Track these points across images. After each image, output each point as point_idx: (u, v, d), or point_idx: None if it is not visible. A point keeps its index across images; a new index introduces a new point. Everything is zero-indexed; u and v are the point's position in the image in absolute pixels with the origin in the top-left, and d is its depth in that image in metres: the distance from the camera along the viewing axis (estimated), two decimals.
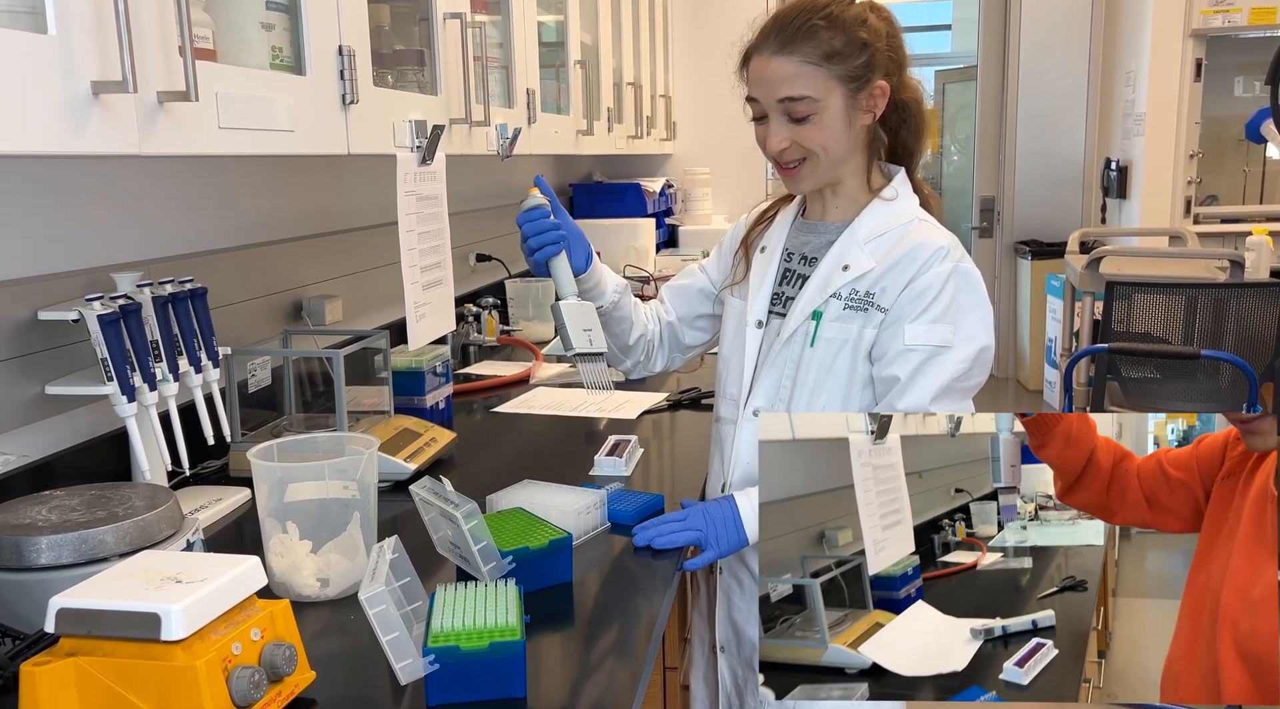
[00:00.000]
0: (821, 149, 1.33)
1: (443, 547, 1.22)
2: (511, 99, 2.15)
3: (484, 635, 0.92)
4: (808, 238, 1.44)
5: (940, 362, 1.29)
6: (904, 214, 1.38)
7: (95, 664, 0.82)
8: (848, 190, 1.40)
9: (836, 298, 1.36)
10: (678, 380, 2.21)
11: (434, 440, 1.63)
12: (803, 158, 1.35)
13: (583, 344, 1.37)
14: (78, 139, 0.87)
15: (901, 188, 1.40)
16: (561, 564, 1.17)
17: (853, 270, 1.35)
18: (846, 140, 1.34)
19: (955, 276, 1.30)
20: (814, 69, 1.29)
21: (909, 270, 1.32)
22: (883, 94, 1.33)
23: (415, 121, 1.58)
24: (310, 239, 1.94)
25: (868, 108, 1.33)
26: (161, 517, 1.07)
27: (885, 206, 1.38)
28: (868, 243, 1.36)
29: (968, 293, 1.31)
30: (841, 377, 1.35)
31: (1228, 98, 5.42)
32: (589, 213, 3.71)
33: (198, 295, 1.38)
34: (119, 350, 1.23)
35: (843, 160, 1.36)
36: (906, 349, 1.30)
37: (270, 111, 1.18)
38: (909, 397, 1.30)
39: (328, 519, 1.15)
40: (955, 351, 1.29)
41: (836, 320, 1.35)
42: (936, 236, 1.34)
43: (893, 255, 1.33)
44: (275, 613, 0.92)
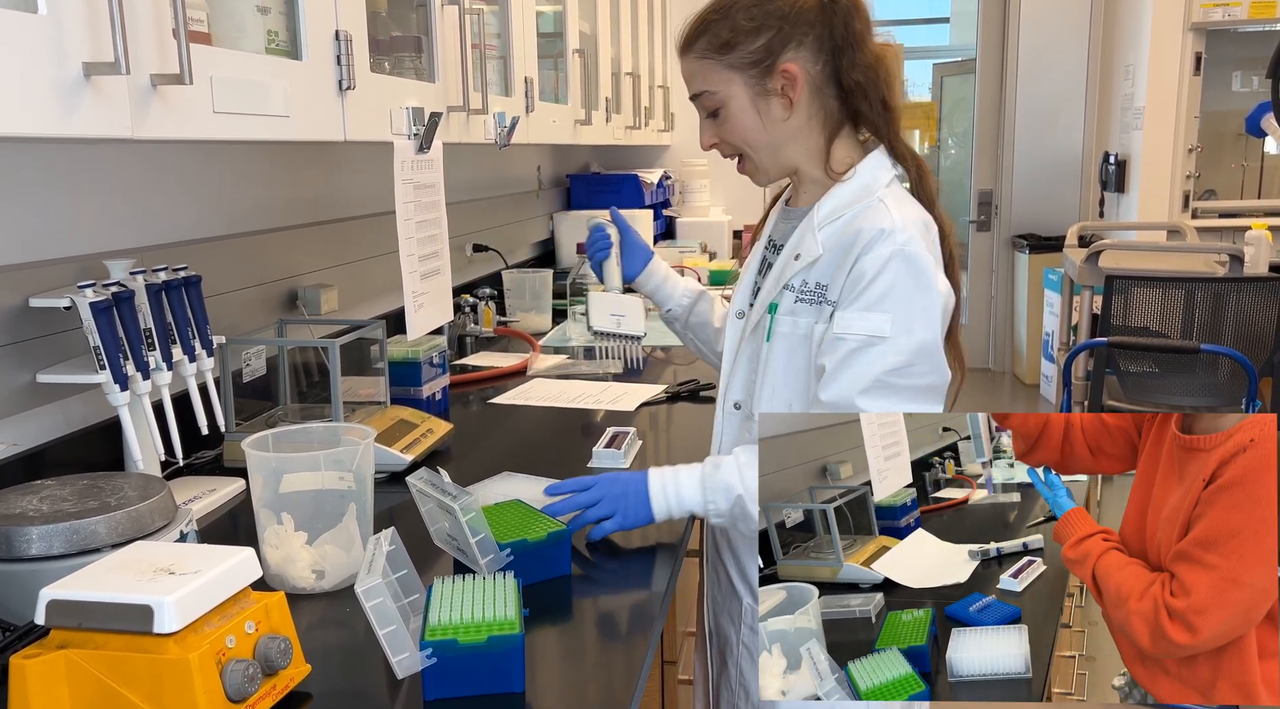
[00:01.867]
0: (743, 142, 1.30)
1: (440, 539, 1.20)
2: (509, 87, 2.13)
3: (482, 629, 0.90)
4: (783, 225, 1.38)
5: (872, 353, 1.18)
6: (863, 193, 1.27)
7: (86, 657, 0.81)
8: (810, 175, 1.32)
9: (789, 289, 1.29)
10: (674, 373, 2.20)
11: (431, 431, 1.62)
12: (737, 154, 1.33)
13: (606, 325, 1.65)
14: (69, 121, 0.85)
15: (867, 168, 1.29)
16: (560, 557, 1.16)
17: (803, 258, 1.28)
18: (765, 129, 1.28)
19: (896, 260, 1.18)
20: (709, 63, 1.28)
21: (850, 255, 1.21)
22: (792, 77, 1.25)
23: (413, 109, 1.56)
24: (306, 227, 1.92)
25: (781, 92, 1.26)
26: (154, 507, 1.06)
27: (844, 188, 1.28)
28: (821, 228, 1.27)
29: (909, 279, 1.18)
30: (799, 376, 1.29)
31: (1226, 92, 5.41)
32: (586, 204, 3.69)
33: (192, 283, 1.37)
34: (111, 338, 1.21)
35: (778, 147, 1.30)
36: (835, 337, 1.20)
37: (266, 96, 1.16)
38: (833, 388, 1.19)
39: (323, 510, 1.13)
40: (891, 343, 1.17)
41: (789, 314, 1.29)
42: (882, 217, 1.22)
43: (839, 240, 1.24)
44: (270, 605, 0.90)
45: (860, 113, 1.29)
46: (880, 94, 1.27)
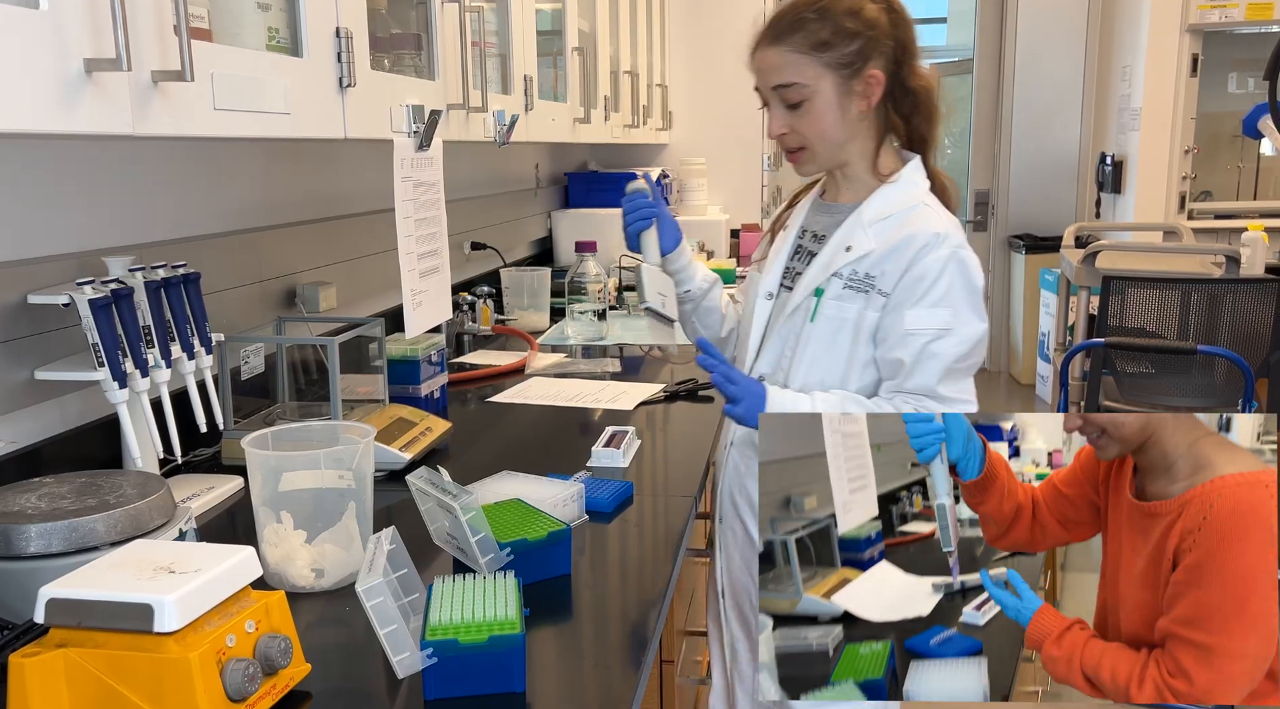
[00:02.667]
0: (817, 136, 1.41)
1: (439, 538, 1.20)
2: (508, 85, 2.12)
3: (483, 629, 0.90)
4: (821, 217, 1.51)
5: (942, 344, 1.35)
6: (909, 198, 1.42)
7: (86, 656, 0.80)
8: (856, 173, 1.47)
9: (838, 277, 1.42)
10: (672, 372, 2.20)
11: (429, 430, 1.61)
12: (801, 146, 1.43)
13: (655, 302, 1.53)
14: (70, 118, 0.84)
15: (910, 173, 1.45)
16: (560, 556, 1.16)
17: (854, 251, 1.41)
18: (841, 126, 1.40)
19: (953, 263, 1.35)
20: (802, 58, 1.38)
21: (906, 255, 1.37)
22: (877, 81, 1.38)
23: (413, 106, 1.56)
24: (304, 225, 1.92)
25: (863, 94, 1.39)
26: (153, 505, 1.05)
27: (891, 190, 1.43)
28: (872, 225, 1.41)
29: (964, 278, 1.36)
30: (841, 355, 1.41)
31: (1223, 94, 5.42)
32: (584, 202, 3.69)
33: (191, 280, 1.36)
34: (110, 335, 1.21)
35: (842, 144, 1.43)
36: (908, 334, 1.36)
37: (266, 93, 1.15)
38: (916, 378, 1.36)
39: (323, 509, 1.13)
40: (955, 334, 1.35)
41: (836, 299, 1.41)
42: (935, 222, 1.38)
43: (893, 240, 1.39)
44: (270, 604, 0.90)
45: (911, 123, 1.45)
46: (931, 105, 1.44)
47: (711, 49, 4.25)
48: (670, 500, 1.43)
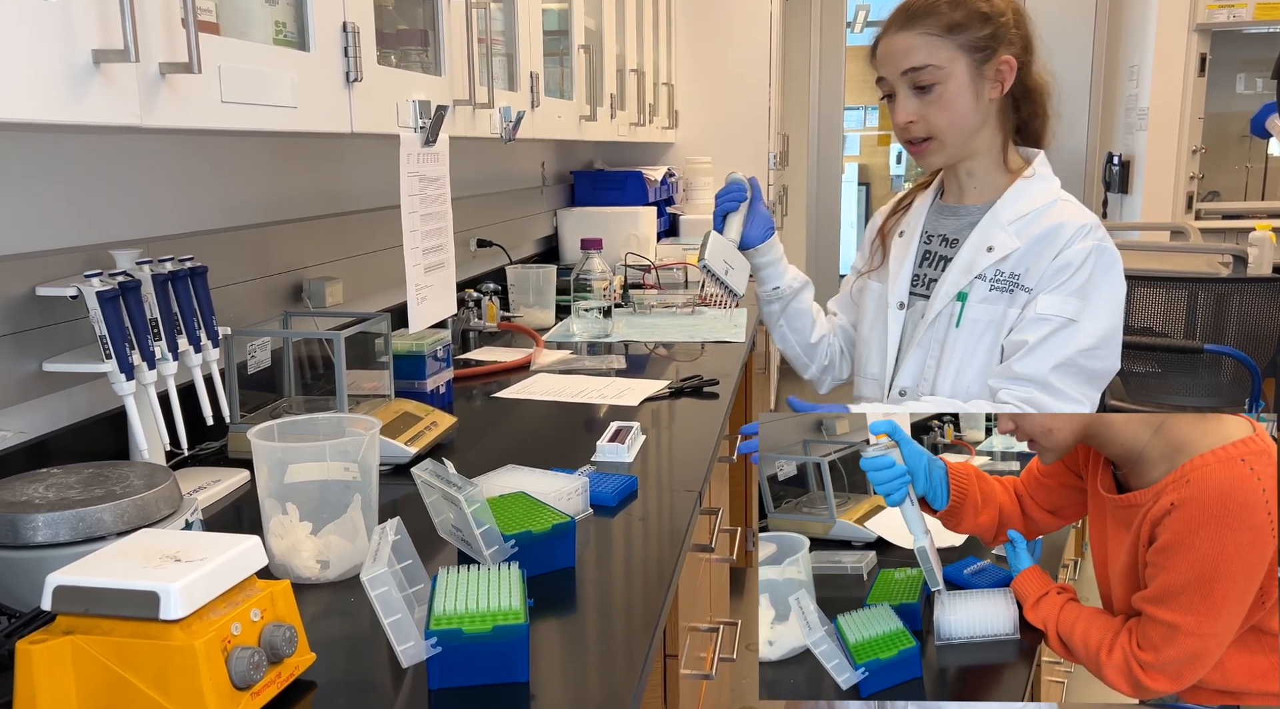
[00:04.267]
0: (948, 122, 1.39)
1: (444, 530, 1.21)
2: (514, 82, 2.13)
3: (487, 619, 0.91)
4: (947, 221, 1.49)
5: (1068, 334, 1.32)
6: (1046, 194, 1.40)
7: (92, 643, 0.81)
8: (984, 168, 1.44)
9: (981, 279, 1.40)
10: (677, 369, 2.20)
11: (435, 424, 1.62)
12: (928, 136, 1.40)
13: (717, 266, 1.58)
14: (77, 108, 0.85)
15: (1042, 168, 1.43)
16: (564, 549, 1.16)
17: (997, 251, 1.39)
18: (974, 112, 1.39)
19: (1096, 254, 1.34)
20: (936, 39, 1.37)
21: (1053, 248, 1.35)
22: (1010, 68, 1.38)
23: (419, 102, 1.56)
24: (312, 221, 1.93)
25: (995, 79, 1.38)
26: (160, 496, 1.06)
27: (1028, 186, 1.41)
28: (1011, 224, 1.40)
29: (1106, 271, 1.34)
30: (985, 356, 1.41)
31: (1230, 94, 5.41)
32: (590, 200, 3.69)
33: (198, 274, 1.37)
34: (118, 328, 1.21)
35: (972, 133, 1.41)
36: (1038, 317, 1.34)
37: (273, 87, 1.16)
38: (1029, 362, 1.33)
39: (328, 501, 1.13)
40: (1083, 325, 1.33)
41: (983, 302, 1.40)
42: (1080, 215, 1.37)
43: (1035, 234, 1.37)
44: (276, 593, 0.90)
45: (1026, 121, 1.44)
46: (1048, 106, 1.43)
47: (718, 48, 4.25)
48: (675, 495, 1.43)
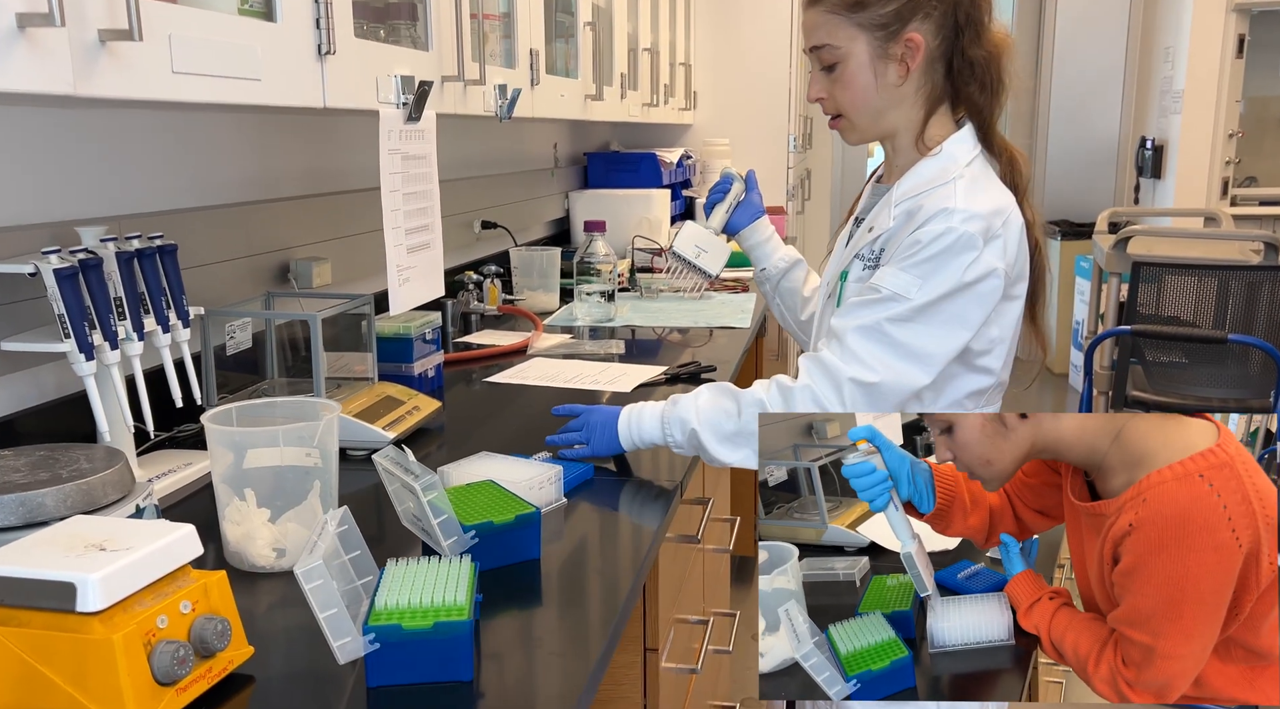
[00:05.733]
0: (850, 102, 1.34)
1: (406, 519, 1.17)
2: (513, 59, 2.08)
3: (429, 614, 0.86)
4: (872, 201, 1.44)
5: (889, 306, 1.24)
6: (945, 173, 1.30)
7: (8, 635, 0.78)
8: (904, 146, 1.38)
9: (859, 258, 1.36)
10: (679, 354, 2.15)
11: (416, 409, 1.58)
12: (839, 113, 1.37)
13: (687, 251, 1.67)
14: (1, 75, 0.81)
15: (951, 146, 1.33)
16: (528, 540, 1.12)
17: (875, 230, 1.34)
18: (876, 93, 1.32)
19: (946, 236, 1.22)
20: (836, 18, 1.31)
21: (911, 225, 1.27)
22: (916, 47, 1.29)
23: (402, 77, 1.52)
24: (301, 199, 1.89)
25: (900, 59, 1.30)
26: (108, 480, 1.02)
27: (927, 164, 1.33)
28: (898, 204, 1.32)
29: (948, 255, 1.22)
30: None
31: (1270, 76, 5.26)
32: (602, 182, 3.64)
33: (167, 252, 1.33)
34: (77, 306, 1.18)
35: (880, 113, 1.34)
36: (870, 287, 1.27)
37: (235, 58, 1.12)
38: (837, 319, 1.29)
39: (284, 487, 1.10)
40: (908, 304, 1.23)
41: (856, 280, 1.35)
42: (951, 198, 1.25)
43: (907, 212, 1.30)
44: (210, 584, 0.87)
45: (965, 93, 1.34)
46: (996, 74, 1.33)
47: (737, 28, 4.17)
48: (657, 485, 1.39)
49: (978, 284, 1.23)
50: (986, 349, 1.31)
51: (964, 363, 1.30)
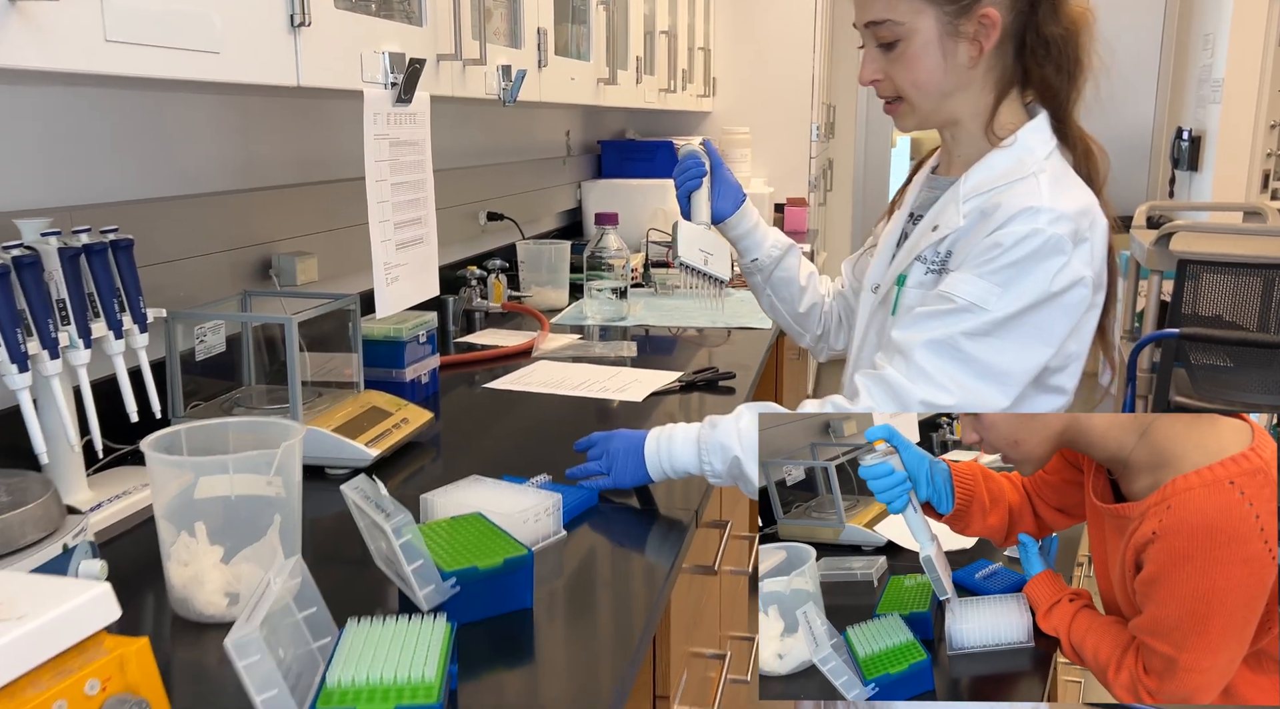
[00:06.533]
0: (912, 84, 1.18)
1: (380, 559, 1.02)
2: (519, 38, 1.92)
3: (390, 695, 0.72)
4: (929, 195, 1.28)
5: (963, 314, 1.09)
6: (1021, 167, 1.15)
7: None
8: (967, 135, 1.22)
9: (921, 261, 1.21)
10: (695, 358, 2.00)
11: (405, 421, 1.43)
12: (898, 95, 1.21)
13: (693, 258, 1.47)
14: None
15: (1026, 136, 1.18)
16: (519, 588, 0.96)
17: (940, 229, 1.19)
18: (944, 74, 1.17)
19: (1032, 239, 1.07)
20: None
21: (989, 226, 1.11)
22: (992, 23, 1.14)
23: (391, 54, 1.36)
24: (286, 188, 1.74)
25: (973, 38, 1.15)
26: (28, 516, 0.88)
27: (1000, 157, 1.18)
28: (968, 200, 1.17)
29: (1034, 261, 1.07)
30: None
31: None
32: (617, 172, 3.48)
33: (121, 247, 1.18)
34: (8, 311, 1.03)
35: (946, 97, 1.19)
36: (941, 294, 1.11)
37: (185, 27, 0.97)
38: (904, 330, 1.13)
39: (240, 520, 0.95)
40: (985, 316, 1.08)
41: (917, 286, 1.20)
42: (1036, 195, 1.10)
43: (980, 210, 1.14)
44: (128, 656, 0.72)
45: (1038, 75, 1.18)
46: (1074, 54, 1.18)
47: (759, 11, 4.00)
48: (671, 515, 1.23)
49: (1064, 294, 1.08)
50: (1062, 365, 1.15)
51: (1037, 383, 1.15)
